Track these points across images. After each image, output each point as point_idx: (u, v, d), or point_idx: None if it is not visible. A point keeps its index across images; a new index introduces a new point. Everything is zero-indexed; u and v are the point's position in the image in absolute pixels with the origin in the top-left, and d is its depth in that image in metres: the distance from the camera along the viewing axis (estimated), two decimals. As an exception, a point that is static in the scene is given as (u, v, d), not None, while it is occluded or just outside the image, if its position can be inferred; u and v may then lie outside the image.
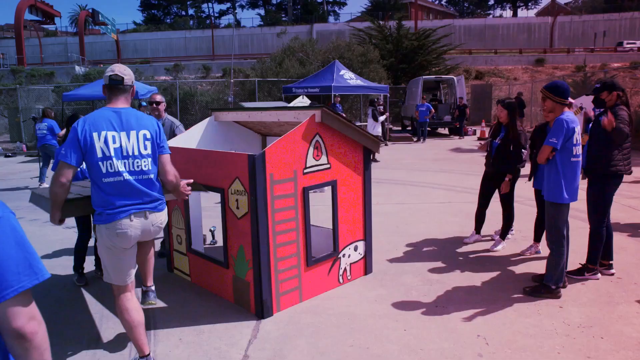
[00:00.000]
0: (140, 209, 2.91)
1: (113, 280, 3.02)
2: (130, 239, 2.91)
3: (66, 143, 2.81)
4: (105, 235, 2.88)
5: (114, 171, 2.82)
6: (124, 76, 2.95)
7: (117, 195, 2.84)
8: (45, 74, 27.87)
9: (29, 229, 6.79)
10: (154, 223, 3.01)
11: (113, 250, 2.93)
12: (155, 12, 66.06)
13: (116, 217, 2.83)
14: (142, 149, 2.92)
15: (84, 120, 2.84)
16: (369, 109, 13.58)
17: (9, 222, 1.41)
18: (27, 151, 18.70)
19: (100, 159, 2.80)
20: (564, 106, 4.01)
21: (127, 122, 2.90)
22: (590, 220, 4.41)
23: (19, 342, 1.38)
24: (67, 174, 2.78)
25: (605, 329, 3.49)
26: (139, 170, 2.90)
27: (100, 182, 2.82)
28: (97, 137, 2.80)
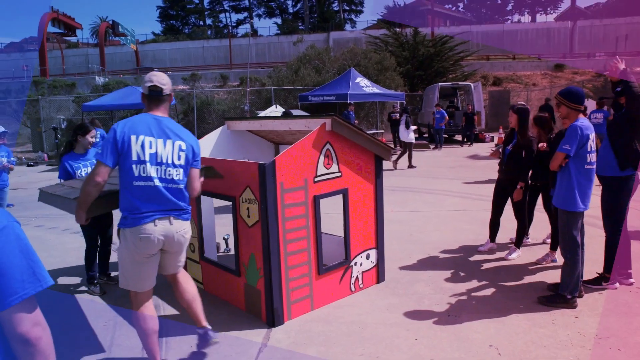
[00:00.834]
0: (165, 215, 2.91)
1: (130, 286, 3.01)
2: (153, 244, 2.90)
3: (104, 143, 2.84)
4: (129, 239, 2.88)
5: (145, 176, 2.84)
6: (163, 87, 3.00)
7: (145, 200, 2.85)
8: (67, 85, 28.41)
9: (47, 237, 6.91)
10: (178, 231, 2.98)
11: (135, 255, 2.92)
12: (173, 23, 66.93)
13: (141, 221, 2.84)
14: (175, 158, 2.94)
15: (124, 123, 2.89)
16: (402, 117, 13.60)
17: (13, 231, 1.46)
18: (48, 160, 19.08)
19: (134, 161, 2.82)
20: (579, 112, 3.96)
21: (165, 131, 2.95)
22: (606, 228, 4.33)
23: (24, 347, 1.44)
24: (103, 174, 2.81)
25: (623, 340, 3.41)
26: (169, 179, 2.92)
27: (131, 185, 2.84)
28: (135, 140, 2.84)
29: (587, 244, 4.44)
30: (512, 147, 5.19)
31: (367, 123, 21.65)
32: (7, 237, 1.42)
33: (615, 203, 4.23)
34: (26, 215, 8.51)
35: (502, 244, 5.70)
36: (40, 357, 1.46)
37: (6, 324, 1.42)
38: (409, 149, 13.11)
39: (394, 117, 17.94)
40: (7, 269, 1.40)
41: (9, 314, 1.40)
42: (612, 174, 4.22)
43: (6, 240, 1.42)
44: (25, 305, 1.42)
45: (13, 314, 1.40)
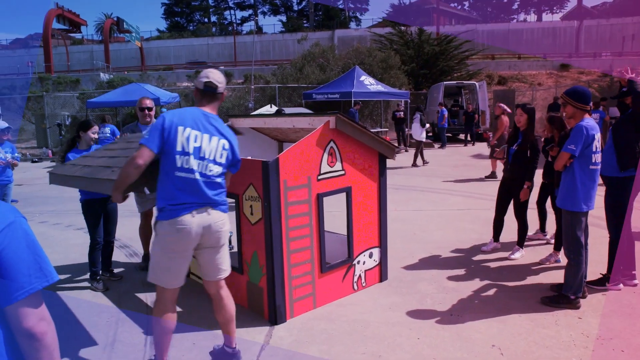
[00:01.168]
0: (202, 205, 2.90)
1: (159, 280, 2.96)
2: (190, 237, 2.86)
3: (151, 129, 2.85)
4: (167, 230, 2.85)
5: (188, 167, 2.85)
6: (218, 84, 3.02)
7: (185, 191, 2.85)
8: (71, 81, 28.51)
9: (51, 233, 6.93)
10: (216, 221, 2.96)
11: (170, 248, 2.89)
12: (178, 20, 66.99)
13: (179, 213, 2.83)
14: (217, 156, 2.96)
15: (172, 113, 2.92)
16: (415, 115, 13.74)
17: (20, 227, 1.48)
18: (52, 156, 19.14)
19: (179, 152, 2.84)
20: (585, 112, 3.93)
21: (212, 127, 2.97)
22: (610, 229, 4.30)
23: (29, 342, 1.45)
24: (145, 157, 2.79)
25: (626, 341, 3.39)
26: (209, 174, 2.93)
27: (173, 174, 2.84)
28: (182, 131, 2.86)
29: (592, 245, 4.42)
30: (517, 147, 5.17)
31: (371, 121, 21.62)
32: (14, 232, 1.44)
33: (619, 203, 4.20)
34: (30, 211, 8.54)
35: (504, 243, 5.67)
36: (45, 351, 1.47)
37: (12, 319, 1.43)
38: (420, 147, 13.26)
39: (398, 115, 17.91)
40: (14, 263, 1.42)
41: (15, 308, 1.42)
42: (614, 174, 4.20)
43: (13, 236, 1.43)
44: (31, 300, 1.44)
45: (19, 309, 1.42)
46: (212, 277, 3.12)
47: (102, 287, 4.69)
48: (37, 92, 25.04)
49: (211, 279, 3.12)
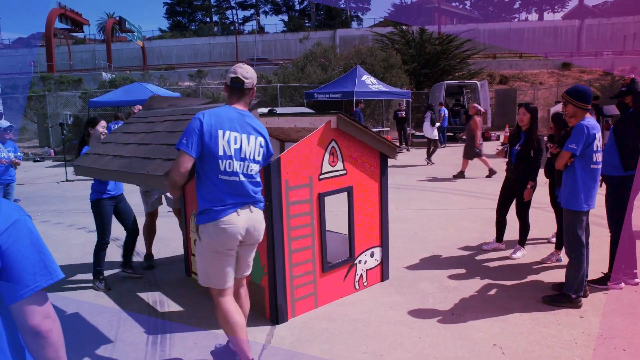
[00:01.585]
0: (246, 204, 2.92)
1: (213, 283, 2.96)
2: (236, 236, 2.87)
3: (188, 133, 2.78)
4: (212, 233, 2.84)
5: (231, 171, 2.84)
6: (245, 80, 2.95)
7: (229, 193, 2.85)
8: (74, 81, 28.55)
9: (53, 233, 6.95)
10: (257, 219, 2.98)
11: (217, 249, 2.89)
12: (180, 19, 67.07)
13: (224, 213, 2.83)
14: (256, 154, 2.97)
15: (208, 115, 2.84)
16: (427, 113, 13.92)
17: (25, 225, 1.48)
18: (54, 156, 19.18)
19: (221, 156, 2.81)
20: (586, 111, 3.93)
21: (248, 126, 2.95)
22: (611, 228, 4.30)
23: (34, 339, 1.45)
24: (187, 165, 2.75)
25: (628, 340, 3.39)
26: (251, 174, 2.94)
27: (216, 178, 2.82)
28: (222, 135, 2.82)
29: (593, 244, 4.42)
30: (520, 147, 5.17)
31: (372, 121, 21.63)
32: (19, 230, 1.44)
33: (620, 202, 4.20)
34: (32, 211, 8.56)
35: (505, 242, 5.67)
36: (51, 349, 1.48)
37: (17, 317, 1.44)
38: (433, 145, 13.44)
39: (400, 115, 17.91)
40: (19, 261, 1.42)
41: (20, 306, 1.42)
42: (615, 174, 4.20)
43: (18, 234, 1.44)
44: (36, 297, 1.44)
45: (24, 307, 1.42)
46: (240, 274, 3.14)
47: (105, 287, 4.70)
48: (39, 91, 25.10)
49: (239, 276, 3.14)
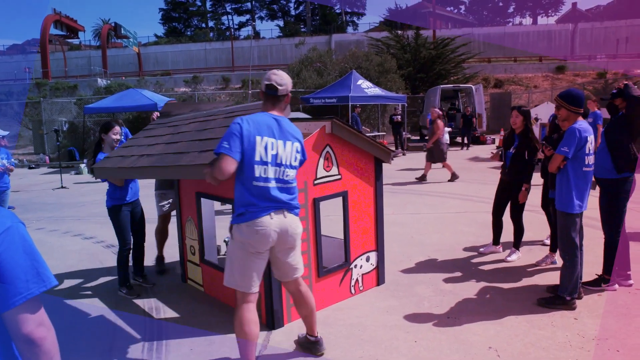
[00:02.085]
0: (279, 208, 2.95)
1: (238, 285, 2.99)
2: (268, 238, 2.91)
3: (230, 137, 2.82)
4: (245, 233, 2.89)
5: (265, 177, 2.90)
6: (279, 87, 3.02)
7: (262, 198, 2.90)
8: (69, 87, 28.54)
9: (48, 240, 6.94)
10: (291, 224, 3.00)
11: (248, 250, 2.93)
12: (176, 25, 67.10)
13: (259, 214, 2.87)
14: (292, 160, 3.01)
15: (247, 121, 2.89)
16: None
17: (18, 232, 1.47)
18: (49, 163, 19.13)
19: (257, 162, 2.87)
20: (578, 115, 3.97)
21: (284, 132, 2.99)
22: (605, 230, 4.34)
23: (28, 347, 1.44)
24: (231, 168, 2.80)
25: (622, 341, 3.41)
26: (285, 180, 2.98)
27: (250, 184, 2.88)
28: (260, 141, 2.87)
29: (587, 246, 4.45)
30: (514, 150, 5.21)
31: (368, 125, 21.67)
32: (11, 237, 1.44)
33: (613, 205, 4.24)
34: (27, 218, 8.54)
35: (503, 244, 5.69)
36: (45, 357, 1.46)
37: (10, 324, 1.42)
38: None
39: (395, 119, 17.96)
40: (11, 269, 1.41)
41: (13, 314, 1.41)
42: (608, 177, 4.24)
43: (10, 241, 1.43)
44: (29, 305, 1.43)
45: (17, 314, 1.41)
46: (289, 277, 3.19)
47: (129, 293, 4.62)
48: (35, 98, 25.06)
49: (289, 279, 3.20)
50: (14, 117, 24.46)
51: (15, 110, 25.04)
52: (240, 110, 4.02)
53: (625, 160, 4.15)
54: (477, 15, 72.35)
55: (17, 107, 25.24)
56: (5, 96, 27.29)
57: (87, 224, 7.91)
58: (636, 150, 4.17)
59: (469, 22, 62.91)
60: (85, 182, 13.53)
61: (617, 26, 45.63)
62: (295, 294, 3.26)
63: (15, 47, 63.45)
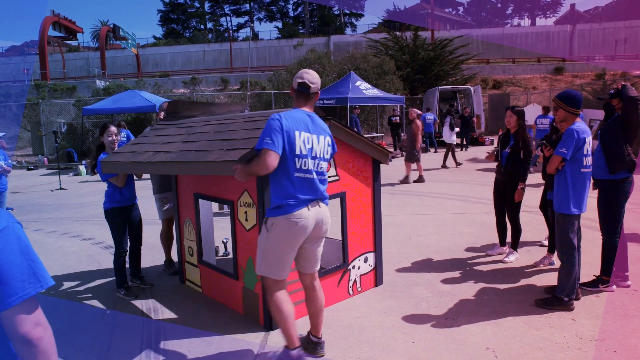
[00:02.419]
0: (315, 200, 3.12)
1: (272, 273, 3.13)
2: (307, 229, 3.07)
3: (271, 132, 2.95)
4: (284, 225, 3.02)
5: (306, 169, 3.06)
6: (311, 85, 3.22)
7: (303, 190, 3.05)
8: (67, 89, 28.51)
9: (46, 241, 6.93)
10: (326, 214, 3.18)
11: (286, 241, 3.06)
12: (174, 26, 67.05)
13: (297, 207, 3.02)
14: (325, 153, 3.20)
15: (285, 117, 3.04)
16: (446, 118, 14.26)
17: (14, 232, 1.47)
18: (48, 164, 19.12)
19: (297, 155, 3.03)
20: (576, 116, 3.98)
21: (317, 127, 3.19)
22: (603, 231, 4.34)
23: (25, 348, 1.44)
24: (274, 162, 2.93)
25: (619, 342, 3.41)
26: (320, 171, 3.17)
27: (291, 176, 3.03)
28: (299, 135, 3.04)
29: (584, 247, 4.46)
30: (510, 149, 5.23)
31: (367, 126, 21.70)
32: (7, 237, 1.43)
33: (611, 206, 4.25)
34: (26, 219, 8.53)
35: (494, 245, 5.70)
36: (42, 357, 1.46)
37: (7, 325, 1.42)
38: (451, 149, 13.69)
39: (394, 120, 17.98)
40: (8, 269, 1.41)
41: (9, 314, 1.41)
42: (606, 177, 4.25)
43: (7, 241, 1.43)
44: (25, 305, 1.43)
45: (14, 315, 1.41)
46: (310, 269, 3.31)
47: (127, 294, 4.62)
48: (33, 99, 25.03)
49: (309, 271, 3.31)
50: (12, 119, 24.43)
51: (14, 112, 25.00)
52: (260, 116, 4.07)
53: (619, 161, 4.16)
54: (475, 17, 72.46)
55: (15, 108, 25.21)
56: (3, 98, 27.25)
57: (85, 225, 7.91)
58: (631, 152, 4.18)
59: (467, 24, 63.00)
60: (86, 181, 13.53)
61: (615, 27, 45.73)
62: (309, 289, 3.35)
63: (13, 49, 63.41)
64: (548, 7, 69.67)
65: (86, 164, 4.45)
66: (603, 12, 61.71)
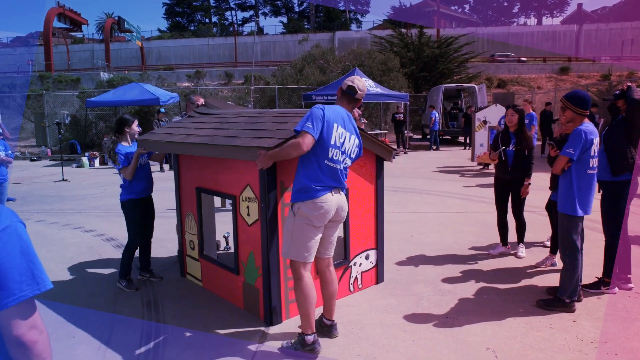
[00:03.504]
0: (337, 187, 3.34)
1: (299, 256, 3.28)
2: (330, 212, 3.27)
3: (313, 118, 3.17)
4: (310, 208, 3.20)
5: (336, 159, 3.28)
6: (359, 91, 3.44)
7: (329, 177, 3.26)
8: (72, 80, 28.51)
9: (48, 232, 6.94)
10: (345, 202, 3.42)
11: (312, 223, 3.24)
12: (179, 20, 67.02)
13: (322, 192, 3.22)
14: (352, 152, 3.42)
15: (328, 108, 3.28)
16: None
17: (15, 232, 1.43)
18: (51, 155, 19.14)
19: (332, 145, 3.24)
20: (584, 117, 3.94)
21: (351, 126, 3.42)
22: (605, 232, 4.32)
23: (19, 350, 1.41)
24: (309, 144, 3.14)
25: (620, 345, 3.40)
26: (345, 167, 3.39)
27: (323, 163, 3.23)
28: (336, 127, 3.27)
29: (587, 248, 4.43)
30: (514, 147, 5.24)
31: (370, 123, 21.62)
32: (9, 237, 1.40)
33: (613, 208, 4.22)
34: (27, 210, 8.54)
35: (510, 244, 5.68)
36: None
37: (2, 326, 1.39)
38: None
39: (398, 117, 17.92)
40: (6, 269, 1.37)
41: (5, 315, 1.38)
42: (608, 179, 4.22)
43: (7, 240, 1.39)
44: (22, 307, 1.40)
45: (9, 316, 1.38)
46: (325, 254, 3.49)
47: (128, 287, 4.63)
48: (37, 90, 25.04)
49: (325, 256, 3.50)
50: (16, 110, 24.44)
51: (18, 103, 25.02)
52: (290, 113, 4.18)
53: (621, 163, 4.13)
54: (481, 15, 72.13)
55: (20, 99, 25.22)
56: (8, 88, 27.24)
57: (87, 217, 7.91)
58: (634, 153, 4.15)
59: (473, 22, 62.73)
60: (96, 168, 13.54)
61: (622, 28, 45.48)
62: (325, 274, 3.52)
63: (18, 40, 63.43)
64: (555, 6, 69.32)
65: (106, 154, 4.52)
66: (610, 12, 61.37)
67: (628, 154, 4.12)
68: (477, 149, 13.54)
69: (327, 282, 3.52)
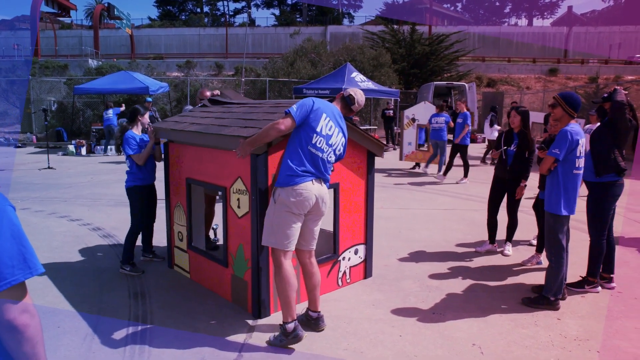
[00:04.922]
0: (319, 177, 3.38)
1: (279, 244, 3.31)
2: (310, 201, 3.30)
3: (300, 105, 3.30)
4: (290, 194, 3.25)
5: (320, 147, 3.34)
6: (356, 104, 3.58)
7: (311, 164, 3.32)
8: (59, 66, 28.05)
9: (32, 220, 6.85)
10: (326, 193, 3.46)
11: (291, 211, 3.28)
12: (170, 8, 66.24)
13: (303, 179, 3.27)
14: (337, 149, 3.48)
15: (319, 101, 3.41)
16: (489, 115, 14.22)
17: (6, 215, 1.42)
18: (37, 142, 18.87)
19: (317, 132, 3.32)
20: (572, 118, 3.98)
21: (341, 125, 3.51)
22: (591, 232, 4.38)
23: (10, 334, 1.40)
24: (288, 125, 3.25)
25: (602, 343, 3.46)
26: (329, 159, 3.43)
27: (306, 148, 3.30)
28: (324, 117, 3.36)
29: (572, 248, 4.49)
30: (515, 148, 5.27)
31: (360, 119, 21.64)
32: None
33: (598, 208, 4.28)
34: (12, 197, 8.42)
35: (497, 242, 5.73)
36: (28, 345, 1.43)
37: None
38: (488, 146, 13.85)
39: (387, 113, 17.95)
40: None
41: None
42: (593, 180, 4.28)
43: None
44: (13, 291, 1.39)
45: (1, 300, 1.38)
46: (307, 246, 3.52)
47: (132, 270, 4.76)
48: (23, 76, 24.61)
49: (306, 248, 3.53)
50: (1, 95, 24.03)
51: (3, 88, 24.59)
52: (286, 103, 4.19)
53: (604, 164, 4.19)
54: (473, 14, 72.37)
55: (4, 84, 24.79)
56: None
57: (73, 205, 7.83)
58: (618, 155, 4.20)
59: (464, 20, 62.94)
60: (85, 159, 13.39)
61: (610, 32, 45.96)
62: (307, 265, 3.55)
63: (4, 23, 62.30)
64: (546, 7, 69.80)
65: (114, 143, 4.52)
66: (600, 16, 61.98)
67: (611, 156, 4.18)
68: (405, 147, 12.95)
69: (309, 274, 3.56)
